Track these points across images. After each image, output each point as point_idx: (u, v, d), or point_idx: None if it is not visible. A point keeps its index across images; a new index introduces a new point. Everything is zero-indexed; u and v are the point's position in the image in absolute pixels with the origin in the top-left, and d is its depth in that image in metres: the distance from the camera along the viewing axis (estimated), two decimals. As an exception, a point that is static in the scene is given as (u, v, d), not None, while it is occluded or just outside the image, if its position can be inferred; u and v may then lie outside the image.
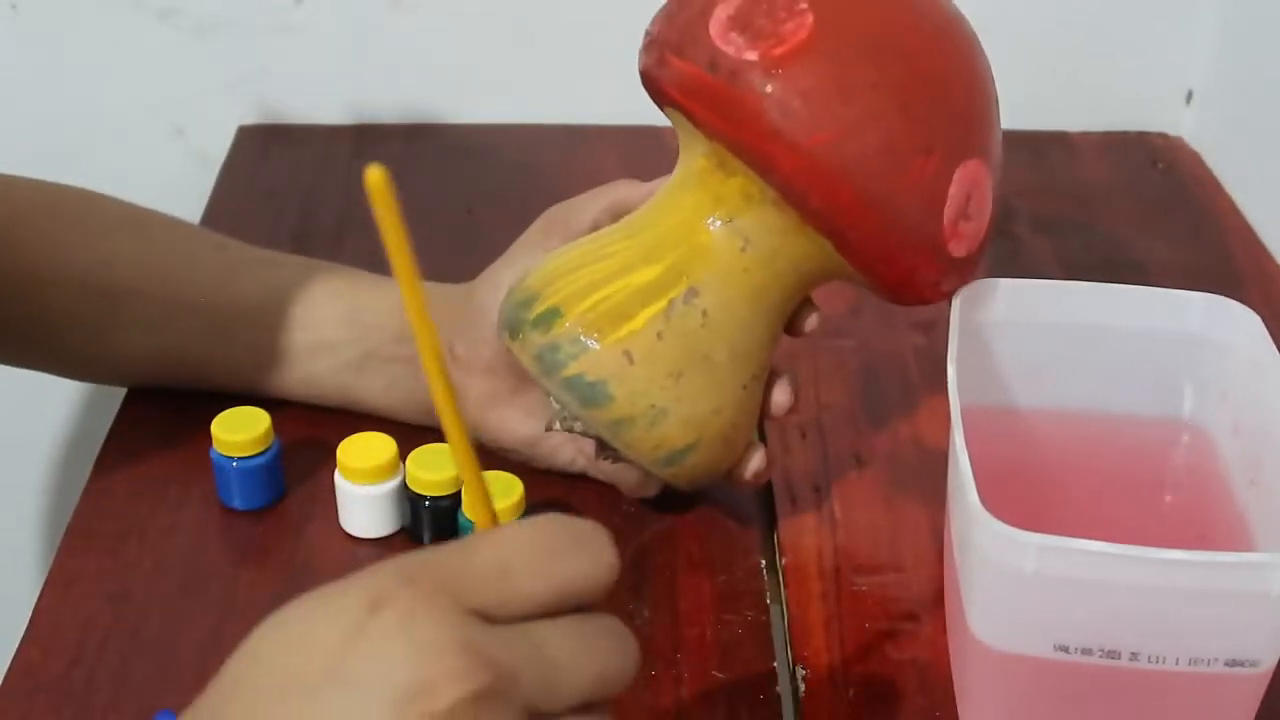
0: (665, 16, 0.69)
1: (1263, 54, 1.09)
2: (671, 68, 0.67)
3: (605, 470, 0.75)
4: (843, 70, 0.65)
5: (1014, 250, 1.02)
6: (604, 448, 0.72)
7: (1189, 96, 1.18)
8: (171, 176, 1.10)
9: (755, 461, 0.73)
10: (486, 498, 0.48)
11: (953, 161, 0.66)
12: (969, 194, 0.67)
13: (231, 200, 1.07)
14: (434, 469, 0.74)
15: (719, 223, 0.68)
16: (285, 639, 0.44)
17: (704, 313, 0.68)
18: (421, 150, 1.14)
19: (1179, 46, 1.17)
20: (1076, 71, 1.17)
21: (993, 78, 0.71)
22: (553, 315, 0.68)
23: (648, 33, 0.70)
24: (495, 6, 1.15)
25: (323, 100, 1.17)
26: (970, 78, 0.69)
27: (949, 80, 0.67)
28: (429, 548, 0.45)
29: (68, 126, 1.16)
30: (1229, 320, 0.71)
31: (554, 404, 0.70)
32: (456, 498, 0.73)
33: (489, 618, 0.44)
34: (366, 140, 1.15)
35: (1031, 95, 1.15)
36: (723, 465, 0.71)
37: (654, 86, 0.70)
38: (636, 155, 1.08)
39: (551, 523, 0.46)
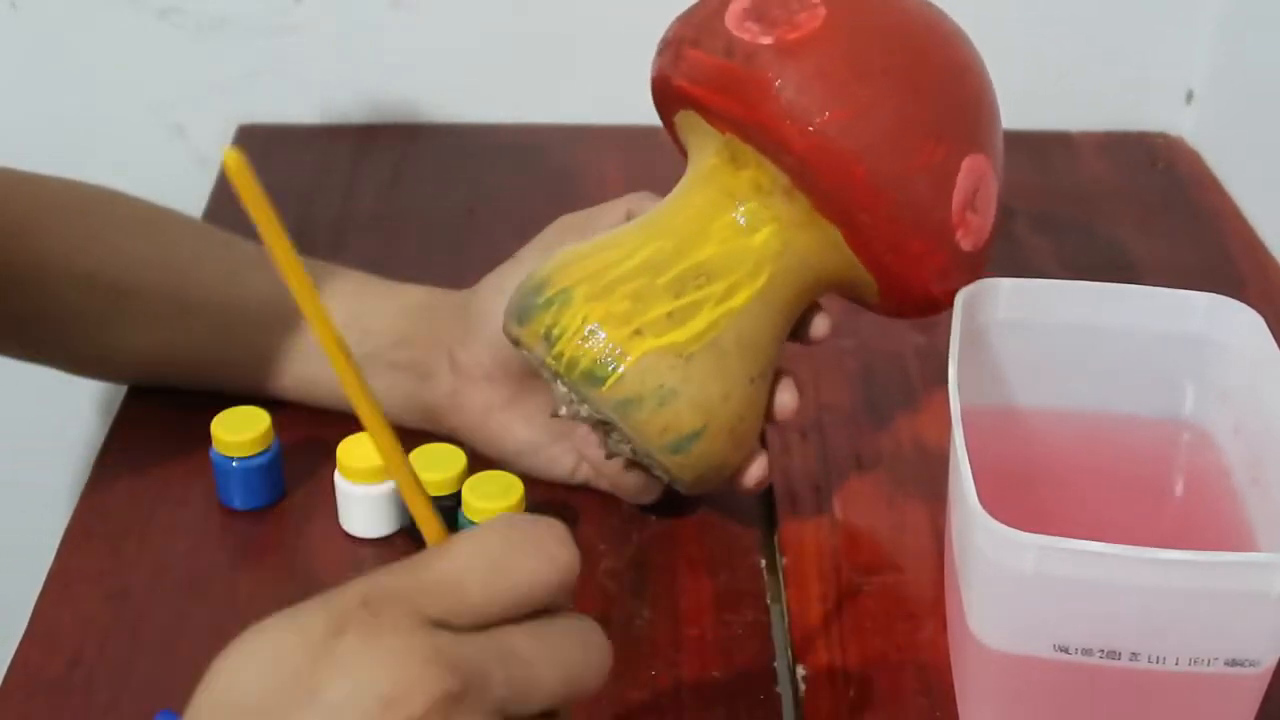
0: (682, 17, 0.71)
1: (1263, 54, 1.09)
2: (688, 60, 0.69)
3: (606, 476, 0.75)
4: (856, 54, 0.67)
5: (1014, 250, 1.02)
6: (607, 445, 0.72)
7: (1189, 96, 1.18)
8: (171, 176, 1.10)
9: (757, 468, 0.72)
10: (432, 513, 0.48)
11: (961, 151, 0.68)
12: (976, 186, 0.68)
13: (231, 200, 1.06)
14: (434, 469, 0.74)
15: (729, 215, 0.69)
16: (252, 666, 0.44)
17: (714, 300, 0.68)
18: (421, 150, 1.14)
19: (1179, 46, 1.17)
20: (1076, 71, 1.17)
21: (994, 91, 0.72)
22: (564, 296, 0.68)
23: (663, 38, 0.72)
24: (495, 6, 1.15)
25: (323, 100, 1.17)
26: (977, 80, 0.71)
27: (958, 76, 0.70)
28: (384, 568, 0.45)
29: (67, 126, 1.16)
30: (1230, 320, 0.71)
31: (560, 387, 0.69)
32: (457, 497, 0.73)
33: (450, 627, 0.44)
34: (366, 140, 1.15)
35: (1031, 95, 1.15)
36: (727, 463, 0.71)
37: (667, 87, 0.71)
38: (636, 155, 1.08)
39: (503, 528, 0.46)
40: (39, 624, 0.71)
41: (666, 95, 0.72)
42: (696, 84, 0.69)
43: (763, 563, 0.75)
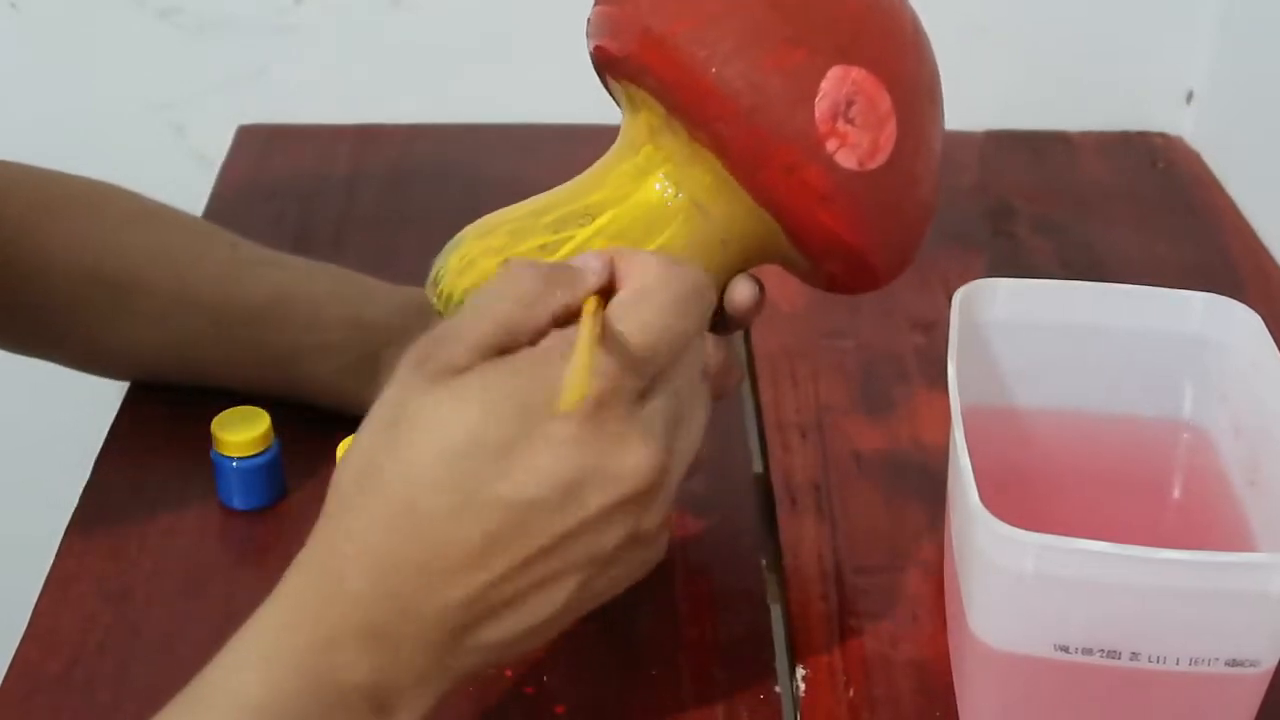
0: None
1: (1263, 54, 1.09)
2: (591, 22, 0.70)
3: None
4: None
5: (1014, 250, 1.02)
6: None
7: (1189, 96, 1.18)
8: (171, 176, 1.10)
9: None
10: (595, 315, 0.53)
11: (826, 59, 0.65)
12: (850, 99, 0.65)
13: (231, 200, 1.07)
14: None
15: (627, 163, 0.69)
16: (480, 461, 0.51)
17: (595, 233, 0.67)
18: (421, 150, 1.14)
19: (1179, 46, 1.17)
20: (1076, 71, 1.17)
21: (918, 24, 0.69)
22: (457, 242, 0.68)
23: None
24: (495, 6, 1.15)
25: (323, 100, 1.17)
26: (871, 6, 0.68)
27: None
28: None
29: (67, 125, 1.16)
30: (1229, 320, 0.71)
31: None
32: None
33: (645, 389, 0.52)
34: (366, 140, 1.15)
35: (1031, 95, 1.15)
36: None
37: (593, 59, 0.71)
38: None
39: (674, 293, 0.54)
40: (39, 624, 0.71)
41: (597, 70, 0.72)
42: (594, 37, 0.70)
43: (763, 563, 0.75)
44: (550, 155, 1.13)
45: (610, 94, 0.74)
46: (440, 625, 0.52)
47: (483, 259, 0.67)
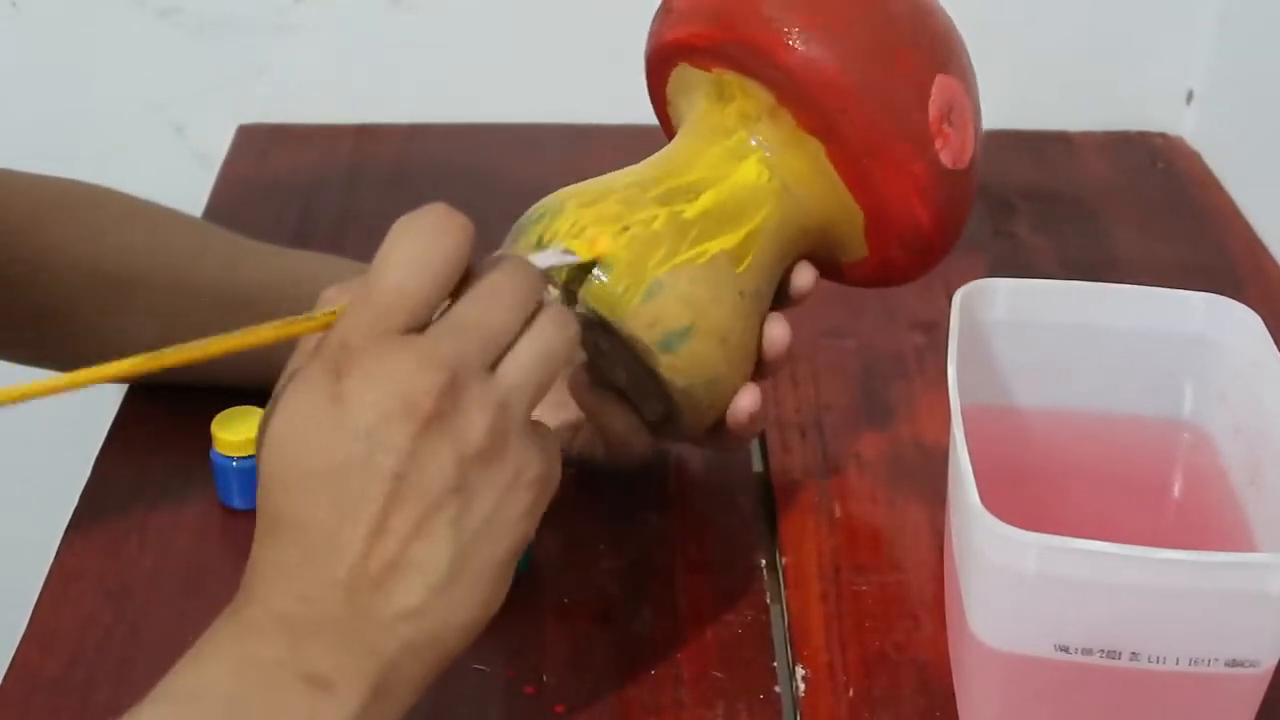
0: None
1: (1263, 54, 1.09)
2: (675, 11, 0.73)
3: (593, 417, 0.74)
4: None
5: (1014, 250, 1.02)
6: (592, 363, 0.72)
7: (1189, 96, 1.18)
8: (171, 176, 1.10)
9: (748, 397, 0.72)
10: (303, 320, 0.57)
11: (933, 66, 0.71)
12: (950, 104, 0.70)
13: (231, 200, 1.07)
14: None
15: (717, 148, 0.72)
16: (294, 437, 0.54)
17: (701, 212, 0.70)
18: (421, 150, 1.14)
19: (1179, 46, 1.17)
20: (1077, 71, 1.17)
21: (963, 40, 0.74)
22: (556, 208, 0.70)
23: (654, 18, 0.74)
24: (495, 6, 1.15)
25: (323, 100, 1.17)
26: (944, 20, 0.73)
27: (926, 11, 0.72)
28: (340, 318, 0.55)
29: (67, 125, 1.16)
30: (1229, 320, 0.71)
31: (550, 293, 0.69)
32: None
33: (417, 328, 0.54)
34: (366, 140, 1.15)
35: (1031, 95, 1.15)
36: (719, 376, 0.70)
37: (660, 50, 0.74)
38: (636, 155, 1.08)
39: (400, 233, 0.56)
40: (39, 624, 0.71)
41: (659, 60, 0.74)
42: (685, 25, 0.72)
43: (763, 563, 0.75)
44: (551, 155, 1.13)
45: (651, 91, 0.75)
46: (340, 600, 0.53)
47: (595, 226, 0.69)
